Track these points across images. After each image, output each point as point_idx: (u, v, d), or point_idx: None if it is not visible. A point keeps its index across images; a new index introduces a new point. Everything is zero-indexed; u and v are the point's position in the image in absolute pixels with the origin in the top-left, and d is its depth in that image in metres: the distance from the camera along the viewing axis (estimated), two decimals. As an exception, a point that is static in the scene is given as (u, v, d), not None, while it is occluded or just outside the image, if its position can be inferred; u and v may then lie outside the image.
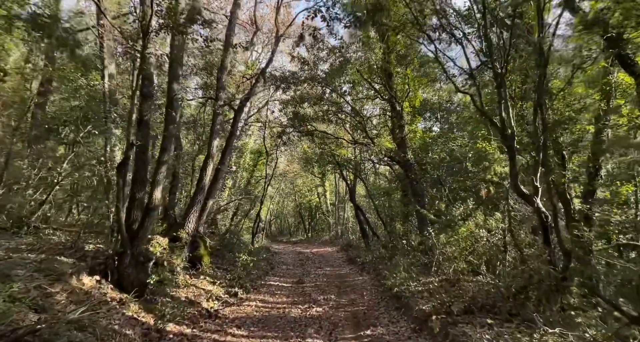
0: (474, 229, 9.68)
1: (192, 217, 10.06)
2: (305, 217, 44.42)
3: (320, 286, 12.27)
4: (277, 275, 14.63)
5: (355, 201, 21.80)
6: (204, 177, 10.48)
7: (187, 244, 9.74)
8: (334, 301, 9.93)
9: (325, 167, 20.29)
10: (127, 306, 5.82)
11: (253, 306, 8.89)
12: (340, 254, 21.30)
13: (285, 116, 15.40)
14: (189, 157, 13.99)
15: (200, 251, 10.11)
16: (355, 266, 16.48)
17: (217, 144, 10.89)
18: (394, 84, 13.23)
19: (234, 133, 11.69)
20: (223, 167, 11.32)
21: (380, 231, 22.43)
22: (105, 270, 6.18)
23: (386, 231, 18.76)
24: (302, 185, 39.64)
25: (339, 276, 14.30)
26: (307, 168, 22.39)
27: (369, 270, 14.43)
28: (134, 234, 6.61)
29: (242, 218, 22.04)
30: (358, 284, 12.50)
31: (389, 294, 9.79)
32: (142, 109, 6.92)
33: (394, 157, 13.51)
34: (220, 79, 10.83)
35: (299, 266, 17.78)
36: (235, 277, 10.89)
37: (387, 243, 16.99)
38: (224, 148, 11.54)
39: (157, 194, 6.89)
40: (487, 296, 6.94)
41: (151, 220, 6.83)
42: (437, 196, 14.39)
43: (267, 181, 19.47)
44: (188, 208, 10.32)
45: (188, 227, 9.93)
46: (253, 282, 11.69)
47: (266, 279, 13.36)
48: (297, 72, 14.81)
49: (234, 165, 21.91)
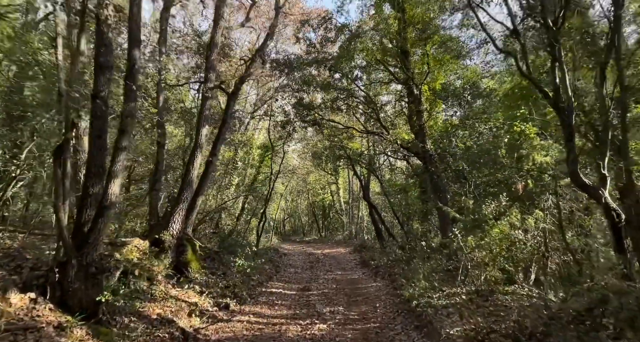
0: (508, 230, 8.07)
1: (178, 217, 8.74)
2: (318, 216, 43.09)
3: (328, 294, 10.82)
4: (282, 280, 13.25)
5: (369, 198, 20.26)
6: (191, 171, 9.12)
7: (170, 248, 8.44)
8: (341, 314, 8.46)
9: (336, 162, 18.79)
10: (67, 332, 4.51)
11: (245, 321, 7.50)
12: (353, 255, 19.79)
13: (290, 105, 13.97)
14: (180, 149, 12.75)
15: (187, 255, 8.78)
16: (368, 269, 14.97)
17: (206, 132, 9.51)
18: (411, 65, 11.64)
19: (226, 120, 10.29)
20: (215, 159, 9.95)
21: (396, 230, 20.87)
22: (45, 285, 4.90)
23: (403, 230, 17.19)
24: (315, 182, 38.22)
25: (350, 282, 12.82)
26: (318, 164, 20.91)
27: (384, 275, 12.90)
28: (84, 239, 5.31)
29: (250, 217, 20.76)
30: (371, 292, 11.00)
31: (407, 307, 8.26)
32: (97, 82, 5.62)
33: (412, 148, 11.93)
34: (210, 57, 9.47)
35: (308, 268, 16.38)
36: (230, 285, 9.55)
37: (404, 244, 15.44)
38: (216, 138, 10.18)
39: (114, 188, 5.57)
40: (538, 318, 5.35)
41: (106, 220, 5.53)
42: (461, 192, 12.76)
43: (272, 177, 18.08)
44: (173, 206, 9.00)
45: (173, 228, 8.61)
46: (252, 289, 10.32)
47: (269, 285, 11.98)
48: (302, 56, 13.38)
49: (239, 161, 20.66)
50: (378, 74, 13.67)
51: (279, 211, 50.88)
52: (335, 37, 12.47)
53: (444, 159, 11.45)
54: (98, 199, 5.58)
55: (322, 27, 12.74)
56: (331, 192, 39.06)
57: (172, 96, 11.90)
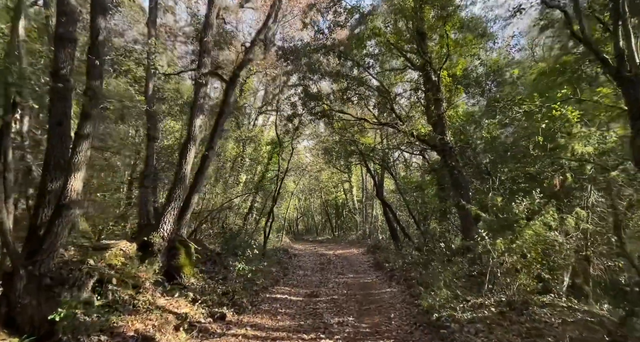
0: (544, 232, 6.96)
1: (169, 217, 7.90)
2: (331, 215, 42.12)
3: (338, 301, 9.87)
4: (289, 284, 12.36)
5: (383, 196, 19.19)
6: (183, 166, 8.24)
7: (160, 251, 7.61)
8: (351, 326, 7.51)
9: (348, 158, 17.77)
10: (11, 357, 3.70)
11: (240, 335, 6.61)
12: (367, 256, 18.77)
13: (297, 96, 12.97)
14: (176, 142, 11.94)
15: (180, 259, 7.94)
16: (382, 272, 13.94)
17: (200, 123, 8.59)
18: (429, 48, 10.55)
19: (224, 111, 9.36)
20: (212, 153, 9.06)
21: (412, 230, 19.74)
22: (-12, 300, 4.12)
23: (419, 230, 16.09)
24: (327, 180, 37.21)
25: (362, 286, 11.84)
26: (329, 160, 19.91)
27: (399, 279, 11.88)
28: (38, 244, 4.50)
29: (259, 216, 19.94)
30: (385, 299, 10.01)
31: (426, 319, 7.23)
32: (58, 57, 4.79)
33: (429, 141, 10.85)
34: (204, 39, 8.58)
35: (318, 271, 15.45)
36: (230, 291, 8.69)
37: (420, 245, 14.36)
38: (213, 129, 9.27)
39: (74, 184, 4.71)
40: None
41: (65, 222, 4.70)
42: (483, 189, 11.62)
43: (279, 174, 17.14)
44: (164, 205, 8.15)
45: (164, 229, 7.78)
46: (254, 296, 9.45)
47: (274, 289, 11.10)
48: (310, 42, 12.43)
49: (248, 158, 19.85)
50: (392, 62, 12.60)
51: (292, 210, 50.34)
52: (345, 22, 11.45)
53: (465, 153, 10.34)
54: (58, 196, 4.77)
55: (331, 10, 11.76)
56: (344, 191, 38.04)
57: (169, 86, 11.09)
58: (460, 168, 10.01)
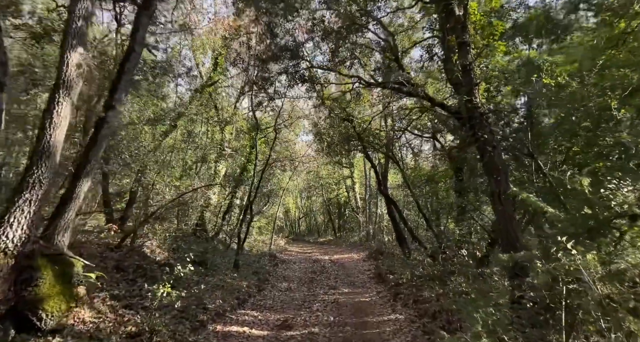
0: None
1: (20, 215, 4.67)
2: (333, 215, 38.97)
3: (319, 335, 6.73)
4: (259, 305, 9.25)
5: (387, 191, 15.99)
6: (47, 130, 4.88)
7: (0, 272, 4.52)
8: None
9: (344, 145, 14.55)
10: None
11: None
12: (368, 264, 15.58)
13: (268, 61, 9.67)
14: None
15: (42, 286, 4.75)
16: (385, 287, 10.77)
17: (77, 61, 5.23)
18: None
19: (134, 49, 6.12)
20: (113, 113, 5.71)
21: (421, 232, 16.50)
22: None
23: (432, 232, 12.85)
24: (328, 177, 34.00)
25: (356, 309, 8.69)
26: (323, 148, 16.66)
27: (407, 300, 8.70)
28: None
29: (250, 216, 16.81)
30: (387, 332, 6.85)
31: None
32: None
33: (449, 106, 7.64)
34: None
35: (306, 283, 12.33)
36: (146, 331, 5.60)
37: (435, 252, 11.14)
38: (116, 78, 5.99)
39: None
40: None
41: None
42: (524, 175, 8.38)
43: (255, 163, 13.98)
44: (13, 196, 4.91)
45: (7, 237, 4.60)
46: (190, 334, 6.30)
47: (233, 316, 8.02)
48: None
49: (228, 148, 16.73)
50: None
51: (294, 210, 47.27)
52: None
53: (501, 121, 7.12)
54: None
55: None
56: (346, 188, 34.79)
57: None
58: (497, 142, 6.80)
